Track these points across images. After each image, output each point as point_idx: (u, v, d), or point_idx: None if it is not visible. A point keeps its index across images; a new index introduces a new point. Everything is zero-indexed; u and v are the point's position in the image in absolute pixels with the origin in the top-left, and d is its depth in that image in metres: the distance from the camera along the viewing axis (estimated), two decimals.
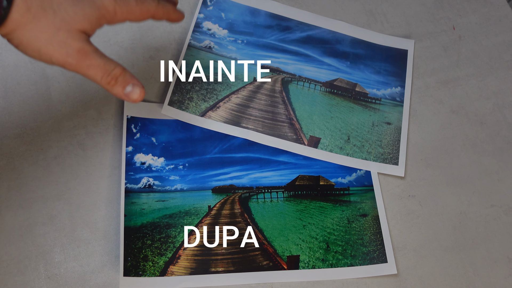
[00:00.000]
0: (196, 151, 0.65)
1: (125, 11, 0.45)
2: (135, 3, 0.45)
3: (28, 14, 0.40)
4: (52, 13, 0.41)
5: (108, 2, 0.43)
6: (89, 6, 0.42)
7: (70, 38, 0.42)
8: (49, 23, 0.41)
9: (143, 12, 0.46)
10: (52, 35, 0.41)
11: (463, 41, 0.79)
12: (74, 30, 0.42)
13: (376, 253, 0.62)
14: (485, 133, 0.72)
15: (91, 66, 0.43)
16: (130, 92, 0.46)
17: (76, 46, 0.42)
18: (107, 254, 0.58)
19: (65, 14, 0.41)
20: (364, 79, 0.74)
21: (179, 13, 0.51)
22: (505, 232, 0.66)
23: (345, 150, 0.68)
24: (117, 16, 0.44)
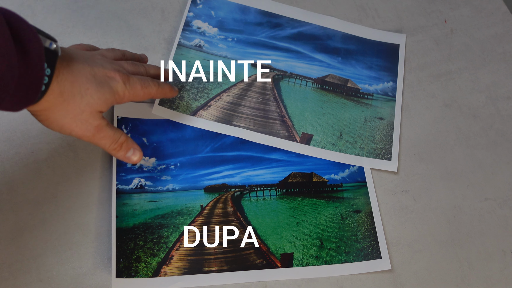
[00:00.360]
0: (188, 151, 0.65)
1: (132, 95, 0.54)
2: (140, 88, 0.55)
3: (60, 98, 0.47)
4: (80, 97, 0.48)
5: (121, 89, 0.52)
6: (108, 92, 0.51)
7: (91, 118, 0.50)
8: (76, 106, 0.48)
9: (145, 95, 0.56)
10: (76, 115, 0.49)
11: (455, 34, 0.79)
12: (94, 111, 0.50)
13: (370, 249, 0.62)
14: (478, 126, 0.72)
15: (104, 137, 0.52)
16: (131, 155, 0.56)
17: (95, 123, 0.51)
18: (100, 256, 0.58)
19: (90, 98, 0.49)
20: (355, 74, 0.74)
21: (174, 91, 0.62)
22: (499, 225, 0.66)
23: (338, 146, 0.68)
24: (124, 99, 0.54)
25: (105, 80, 0.51)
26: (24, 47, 0.41)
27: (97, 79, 0.50)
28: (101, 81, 0.50)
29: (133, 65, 0.58)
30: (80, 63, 0.49)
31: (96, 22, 0.70)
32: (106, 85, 0.51)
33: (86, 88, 0.49)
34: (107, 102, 0.51)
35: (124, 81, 0.52)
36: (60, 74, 0.46)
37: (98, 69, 0.51)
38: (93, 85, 0.49)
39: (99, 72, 0.51)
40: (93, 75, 0.50)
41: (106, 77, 0.51)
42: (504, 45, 0.79)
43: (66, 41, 0.68)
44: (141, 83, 0.55)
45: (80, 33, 0.69)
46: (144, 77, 0.56)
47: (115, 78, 0.52)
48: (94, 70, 0.50)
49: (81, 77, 0.48)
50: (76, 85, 0.48)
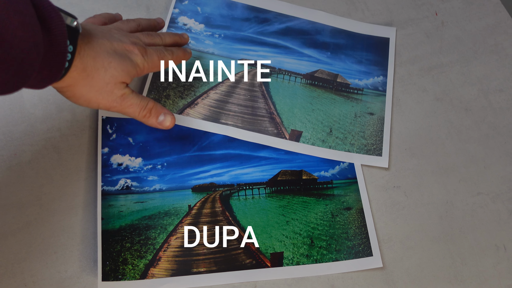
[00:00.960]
0: (175, 150, 0.64)
1: (151, 66, 0.56)
2: (157, 59, 0.57)
3: (84, 73, 0.49)
4: (104, 71, 0.50)
5: (140, 61, 0.54)
6: (130, 65, 0.53)
7: (116, 89, 0.52)
8: (100, 79, 0.50)
9: (164, 65, 0.58)
10: (102, 88, 0.51)
11: (446, 27, 0.78)
12: (118, 83, 0.52)
13: (361, 246, 0.61)
14: (470, 120, 0.71)
15: (131, 105, 0.54)
16: (162, 120, 0.57)
17: (120, 93, 0.53)
18: (86, 259, 0.57)
19: (114, 71, 0.51)
20: (345, 69, 0.73)
21: (188, 54, 0.63)
22: (492, 220, 0.65)
23: (328, 142, 0.67)
24: (144, 71, 0.56)
25: (125, 54, 0.53)
26: (47, 25, 0.42)
27: (118, 53, 0.52)
28: (122, 54, 0.52)
29: (149, 36, 0.59)
30: (100, 38, 0.51)
31: (80, 20, 0.69)
32: (127, 58, 0.53)
33: (109, 61, 0.51)
34: (130, 73, 0.53)
35: (142, 54, 0.54)
36: (82, 50, 0.48)
37: (117, 43, 0.53)
38: (116, 58, 0.51)
39: (118, 46, 0.52)
40: (114, 49, 0.52)
41: (125, 51, 0.53)
42: (496, 37, 0.78)
43: None
44: (158, 54, 0.57)
45: None
46: (159, 47, 0.58)
47: (133, 51, 0.54)
48: (114, 45, 0.52)
49: (103, 52, 0.50)
50: (99, 60, 0.50)
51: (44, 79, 0.45)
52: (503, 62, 0.76)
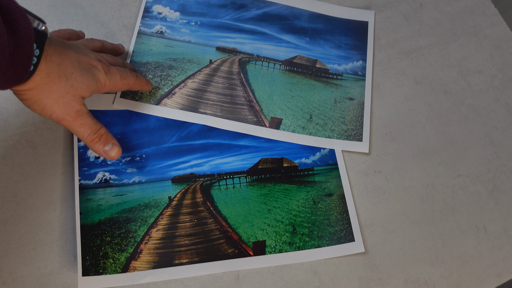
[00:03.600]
0: (153, 141, 0.66)
1: (112, 84, 0.58)
2: (119, 78, 0.59)
3: (47, 78, 0.50)
4: (65, 79, 0.51)
5: (102, 77, 0.56)
6: (91, 79, 0.54)
7: (74, 101, 0.53)
8: (61, 87, 0.51)
9: (124, 85, 0.60)
10: (60, 97, 0.52)
11: (424, 9, 0.80)
12: (77, 95, 0.53)
13: (343, 232, 0.64)
14: (449, 102, 0.74)
15: (83, 125, 0.55)
16: (109, 150, 0.57)
17: (76, 107, 0.53)
18: (65, 255, 0.59)
19: (75, 82, 0.52)
20: (324, 54, 0.75)
21: (150, 85, 0.66)
22: (472, 201, 0.68)
23: (308, 129, 0.69)
24: (105, 88, 0.57)
25: (89, 68, 0.54)
26: (13, 27, 0.43)
27: (82, 65, 0.53)
28: (86, 67, 0.54)
29: (112, 57, 0.61)
30: (66, 48, 0.53)
31: (50, 10, 0.70)
32: (90, 72, 0.54)
33: (72, 71, 0.52)
34: (90, 88, 0.54)
35: (105, 71, 0.56)
36: (48, 56, 0.49)
37: (83, 56, 0.54)
38: (79, 70, 0.53)
39: (84, 59, 0.54)
40: (78, 61, 0.53)
41: (90, 65, 0.55)
42: (474, 18, 0.81)
43: None
44: (121, 74, 0.59)
45: None
46: (122, 68, 0.60)
47: (97, 66, 0.55)
48: (79, 57, 0.54)
49: (68, 61, 0.52)
50: (63, 68, 0.51)
51: (8, 80, 0.45)
52: (481, 43, 0.79)
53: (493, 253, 0.66)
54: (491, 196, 0.69)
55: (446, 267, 0.64)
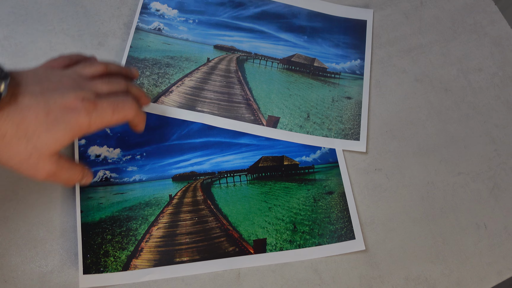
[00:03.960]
0: (154, 139, 0.67)
1: (99, 123, 0.49)
2: (111, 113, 0.50)
3: (1, 142, 0.44)
4: (25, 141, 0.45)
5: (83, 120, 0.48)
6: (62, 130, 0.47)
7: (41, 163, 0.47)
8: (21, 150, 0.45)
9: (119, 120, 0.51)
10: (23, 160, 0.46)
11: (424, 7, 0.82)
12: (44, 155, 0.47)
13: (344, 230, 0.65)
14: (450, 100, 0.75)
15: (57, 181, 0.50)
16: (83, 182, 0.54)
17: (46, 169, 0.48)
18: (66, 253, 0.60)
19: (37, 141, 0.46)
20: (322, 53, 0.76)
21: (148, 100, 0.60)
22: (473, 199, 0.69)
23: (305, 128, 0.70)
24: (91, 128, 0.49)
25: (61, 115, 0.47)
26: None
27: (51, 117, 0.46)
28: (56, 118, 0.46)
29: (110, 84, 0.53)
30: (33, 96, 0.46)
31: (50, 8, 0.71)
32: (62, 123, 0.47)
33: (34, 129, 0.45)
34: (60, 142, 0.47)
35: (89, 111, 0.48)
36: (4, 115, 0.44)
37: (56, 101, 0.47)
38: (44, 125, 0.46)
39: (56, 106, 0.47)
40: (47, 112, 0.46)
41: (65, 110, 0.47)
42: (475, 16, 0.82)
43: (19, 30, 0.69)
44: (114, 108, 0.50)
45: (34, 21, 0.70)
46: (119, 98, 0.52)
47: (76, 109, 0.47)
48: (50, 104, 0.46)
49: (30, 116, 0.45)
50: (22, 127, 0.45)
51: None
52: (482, 41, 0.80)
53: (494, 250, 0.67)
54: (492, 194, 0.70)
55: (447, 265, 0.65)
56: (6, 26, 0.69)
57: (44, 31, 0.69)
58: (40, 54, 0.68)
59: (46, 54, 0.68)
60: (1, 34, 0.68)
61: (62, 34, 0.70)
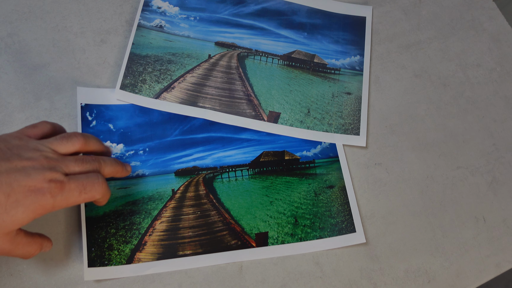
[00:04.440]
0: (156, 135, 0.68)
1: (65, 204, 0.49)
2: (78, 195, 0.50)
3: None
4: None
5: (47, 202, 0.47)
6: (22, 213, 0.46)
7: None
8: None
9: (85, 200, 0.51)
10: None
11: (423, 3, 0.83)
12: (1, 235, 0.47)
13: (345, 223, 0.67)
14: (448, 95, 0.77)
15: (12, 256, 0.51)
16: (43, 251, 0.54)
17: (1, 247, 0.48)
18: (71, 246, 0.61)
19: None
20: (322, 49, 0.78)
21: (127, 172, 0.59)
22: (471, 193, 0.71)
23: (306, 123, 0.72)
24: (55, 209, 0.49)
25: (23, 197, 0.46)
26: None
27: (12, 199, 0.46)
28: (17, 200, 0.46)
29: (83, 164, 0.52)
30: None
31: (53, 6, 0.73)
32: (23, 205, 0.46)
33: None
34: (18, 223, 0.47)
35: (54, 194, 0.48)
36: None
37: (20, 183, 0.46)
38: (2, 207, 0.45)
39: (19, 188, 0.46)
40: (7, 194, 0.46)
41: (28, 192, 0.46)
42: (473, 12, 0.84)
43: (23, 28, 0.70)
44: (81, 189, 0.50)
45: (37, 18, 0.71)
46: (89, 178, 0.51)
47: (41, 190, 0.47)
48: (13, 186, 0.46)
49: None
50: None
51: None
52: (480, 37, 0.82)
53: (492, 243, 0.69)
54: (490, 188, 0.72)
55: (446, 257, 0.67)
56: (10, 23, 0.70)
57: (47, 29, 0.71)
58: (43, 51, 0.70)
59: (49, 50, 0.70)
60: (5, 31, 0.70)
61: (64, 32, 0.71)
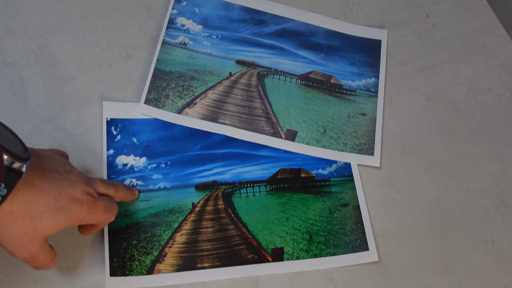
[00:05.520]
0: (178, 149, 0.70)
1: (91, 219, 0.55)
2: (102, 213, 0.55)
3: (8, 217, 0.47)
4: (29, 221, 0.48)
5: (83, 213, 0.52)
6: (64, 218, 0.51)
7: (30, 243, 0.50)
8: (21, 228, 0.48)
9: (105, 220, 0.57)
10: (17, 238, 0.49)
11: (436, 29, 0.85)
12: (37, 237, 0.50)
13: (358, 241, 0.68)
14: (460, 119, 0.79)
15: (32, 263, 0.53)
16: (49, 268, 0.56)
17: (32, 250, 0.51)
18: (94, 256, 0.63)
19: (39, 223, 0.49)
20: (339, 70, 0.79)
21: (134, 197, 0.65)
22: (481, 215, 0.73)
23: (322, 142, 0.73)
24: (83, 222, 0.54)
25: (66, 205, 0.51)
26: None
27: (58, 204, 0.50)
28: (61, 205, 0.50)
29: (107, 186, 0.59)
30: (48, 181, 0.50)
31: (81, 21, 0.74)
32: (64, 211, 0.51)
33: (40, 212, 0.49)
34: (58, 228, 0.51)
35: (89, 207, 0.53)
36: (19, 194, 0.46)
37: (66, 190, 0.51)
38: (49, 210, 0.49)
39: (65, 195, 0.51)
40: (56, 198, 0.50)
41: (70, 200, 0.51)
42: (484, 38, 0.85)
43: (52, 41, 0.72)
44: (105, 208, 0.56)
45: (66, 32, 0.73)
46: (110, 200, 0.58)
47: (81, 201, 0.52)
48: (60, 192, 0.50)
49: (41, 199, 0.48)
50: (31, 208, 0.48)
51: None
52: (490, 63, 0.84)
53: (500, 265, 0.70)
54: (499, 211, 0.73)
55: (455, 278, 0.68)
56: (40, 36, 0.72)
57: (75, 43, 0.73)
58: (71, 64, 0.71)
59: (77, 64, 0.71)
60: (35, 44, 0.72)
61: (92, 46, 0.73)
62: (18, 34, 0.72)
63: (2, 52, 0.70)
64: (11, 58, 0.70)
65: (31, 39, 0.72)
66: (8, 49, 0.71)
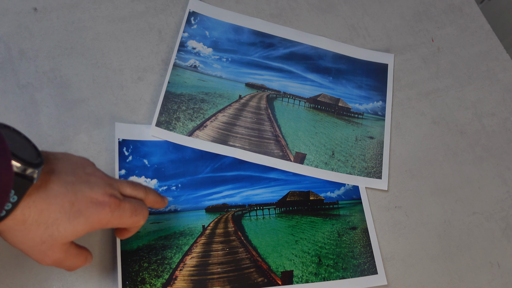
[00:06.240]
0: (188, 171, 0.70)
1: (117, 222, 0.50)
2: (129, 216, 0.51)
3: (21, 225, 0.44)
4: (44, 228, 0.45)
5: (105, 216, 0.49)
6: (83, 223, 0.47)
7: (51, 251, 0.47)
8: (37, 236, 0.45)
9: (133, 223, 0.52)
10: (35, 246, 0.46)
11: (441, 53, 0.86)
12: (57, 244, 0.47)
13: (367, 265, 0.68)
14: (465, 143, 0.79)
15: (61, 267, 0.50)
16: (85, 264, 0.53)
17: (54, 257, 0.48)
18: (105, 279, 0.62)
19: (55, 230, 0.46)
20: (346, 94, 0.80)
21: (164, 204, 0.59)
22: (487, 238, 0.73)
23: (330, 165, 0.74)
24: (108, 226, 0.50)
25: (86, 208, 0.47)
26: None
27: (74, 208, 0.47)
28: (79, 209, 0.47)
29: (135, 188, 0.54)
30: (63, 185, 0.47)
31: (94, 43, 0.75)
32: (83, 216, 0.47)
33: (56, 218, 0.45)
34: (77, 234, 0.47)
35: (112, 209, 0.49)
36: (30, 201, 0.44)
37: (84, 193, 0.48)
38: (66, 215, 0.46)
39: (83, 198, 0.47)
40: (72, 203, 0.46)
41: (90, 204, 0.48)
42: (488, 63, 0.86)
43: (65, 63, 0.72)
44: (132, 211, 0.51)
45: (78, 54, 0.73)
46: (137, 203, 0.53)
47: (102, 203, 0.48)
48: (77, 196, 0.47)
49: (55, 205, 0.45)
50: (45, 214, 0.45)
51: None
52: (494, 87, 0.85)
53: None
54: (504, 234, 0.73)
55: None
56: (52, 58, 0.72)
57: (87, 65, 0.73)
58: (83, 86, 0.72)
59: (89, 86, 0.72)
60: (48, 66, 0.72)
61: (104, 68, 0.73)
62: (31, 56, 0.72)
63: (15, 74, 0.70)
64: (24, 80, 0.70)
65: (44, 61, 0.72)
66: (21, 71, 0.71)
